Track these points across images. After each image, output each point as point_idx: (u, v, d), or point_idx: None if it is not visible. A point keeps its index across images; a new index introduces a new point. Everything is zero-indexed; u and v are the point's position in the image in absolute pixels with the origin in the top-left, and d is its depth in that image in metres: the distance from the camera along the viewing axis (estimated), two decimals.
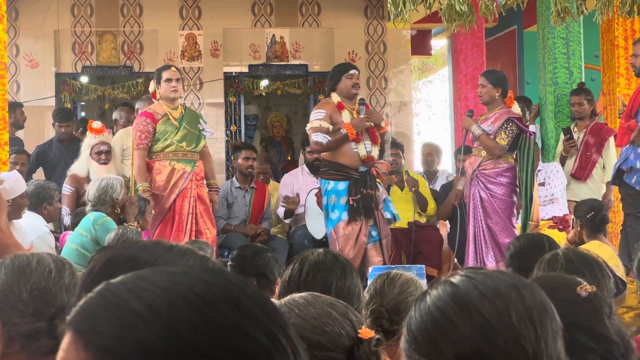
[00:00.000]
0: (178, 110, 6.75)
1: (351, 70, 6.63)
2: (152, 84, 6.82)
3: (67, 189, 7.21)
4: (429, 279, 5.76)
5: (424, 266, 5.32)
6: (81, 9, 10.09)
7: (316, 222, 7.34)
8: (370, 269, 5.40)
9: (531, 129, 7.85)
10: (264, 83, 10.73)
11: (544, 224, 6.90)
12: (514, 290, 1.26)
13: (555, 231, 6.54)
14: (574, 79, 7.81)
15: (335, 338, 1.77)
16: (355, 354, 1.75)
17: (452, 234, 7.40)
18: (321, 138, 6.48)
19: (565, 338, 1.30)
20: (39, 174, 8.40)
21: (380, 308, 2.86)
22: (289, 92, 10.73)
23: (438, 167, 8.85)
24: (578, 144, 7.65)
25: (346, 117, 6.50)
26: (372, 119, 6.56)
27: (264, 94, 11.04)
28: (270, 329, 0.89)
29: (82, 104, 10.74)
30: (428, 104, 24.06)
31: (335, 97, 6.58)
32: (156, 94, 6.75)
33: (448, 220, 7.79)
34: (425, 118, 23.74)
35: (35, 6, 9.87)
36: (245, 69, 10.51)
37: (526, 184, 6.49)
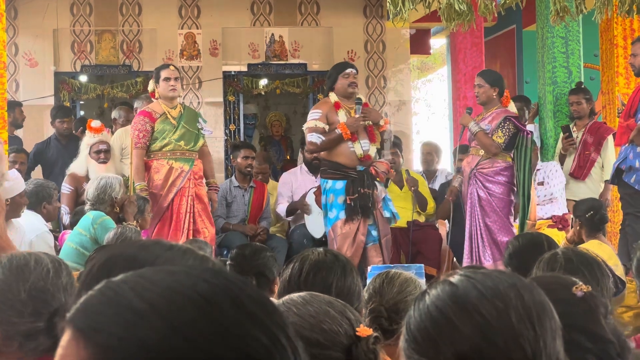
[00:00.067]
0: (177, 109, 6.74)
1: (347, 70, 6.63)
2: (151, 83, 6.82)
3: (66, 188, 7.20)
4: (428, 278, 5.76)
5: (423, 265, 5.33)
6: (80, 8, 10.09)
7: (315, 221, 7.34)
8: (369, 268, 5.40)
9: (530, 128, 7.86)
10: (263, 82, 10.73)
11: (543, 223, 6.90)
12: (513, 289, 1.26)
13: (554, 230, 6.53)
14: (573, 78, 7.80)
15: (333, 336, 1.77)
16: (354, 352, 1.75)
17: (452, 234, 7.40)
18: (315, 138, 6.50)
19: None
20: (37, 172, 8.40)
21: (379, 307, 2.86)
22: (288, 91, 10.73)
23: (437, 166, 8.84)
24: (577, 143, 7.65)
25: (342, 116, 6.50)
26: (370, 118, 6.56)
27: (263, 93, 11.04)
28: (271, 329, 0.89)
29: (81, 102, 10.74)
30: (427, 103, 24.06)
31: (333, 97, 6.59)
32: (155, 93, 6.76)
33: (448, 219, 7.79)
34: (424, 117, 23.74)
35: (34, 5, 9.87)
36: (244, 68, 10.51)
37: (523, 183, 6.49)
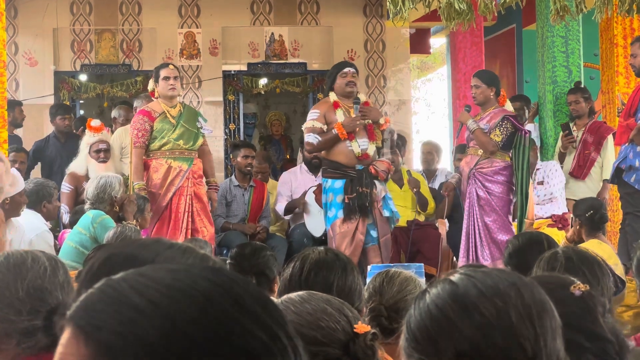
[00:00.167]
0: (176, 109, 6.74)
1: (345, 69, 6.64)
2: (151, 83, 6.82)
3: (66, 187, 7.20)
4: (427, 277, 5.77)
5: (422, 265, 5.33)
6: (80, 7, 10.09)
7: (315, 220, 7.34)
8: (369, 268, 5.40)
9: (530, 127, 7.86)
10: (262, 81, 10.73)
11: (543, 222, 6.90)
12: (514, 288, 1.26)
13: (554, 230, 6.54)
14: (573, 77, 7.80)
15: (330, 333, 1.78)
16: (351, 348, 1.76)
17: (451, 233, 7.40)
18: (312, 139, 6.52)
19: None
20: (36, 171, 8.39)
21: (379, 306, 2.85)
22: (287, 90, 10.73)
23: (437, 165, 8.84)
24: (577, 142, 7.65)
25: (340, 116, 6.51)
26: (369, 116, 6.57)
27: (262, 92, 11.04)
28: (271, 327, 0.89)
29: (81, 102, 10.74)
30: (427, 103, 24.07)
31: (333, 96, 6.61)
32: (155, 92, 6.76)
33: (448, 219, 7.78)
34: (424, 117, 23.74)
35: (34, 4, 9.87)
36: (244, 68, 10.50)
37: (522, 182, 6.49)
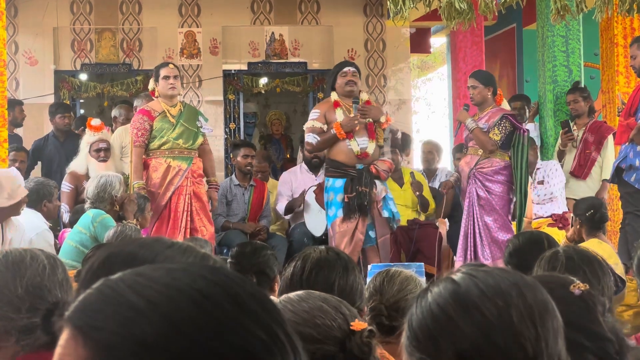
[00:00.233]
0: (177, 108, 6.74)
1: (345, 68, 6.66)
2: (151, 82, 6.82)
3: (66, 186, 7.20)
4: (428, 276, 5.76)
5: (423, 264, 5.33)
6: (80, 7, 10.09)
7: (315, 220, 7.34)
8: (369, 267, 5.40)
9: (530, 127, 7.86)
10: (263, 81, 10.72)
11: (543, 221, 6.90)
12: (515, 288, 1.25)
13: (555, 229, 6.53)
14: (573, 77, 7.80)
15: (326, 330, 1.78)
16: (347, 345, 1.76)
17: (451, 232, 7.40)
18: (311, 139, 6.55)
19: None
20: (37, 170, 8.39)
21: (379, 305, 2.85)
22: (288, 89, 10.73)
23: (438, 165, 8.84)
24: (577, 141, 7.65)
25: (339, 115, 6.51)
26: (370, 115, 6.57)
27: (263, 91, 11.04)
28: (270, 326, 0.89)
29: (81, 101, 10.74)
30: (427, 102, 24.07)
31: (334, 96, 6.63)
32: (155, 91, 6.76)
33: (448, 218, 7.78)
34: (424, 116, 23.75)
35: (34, 3, 9.87)
36: (244, 67, 10.50)
37: (520, 181, 6.49)
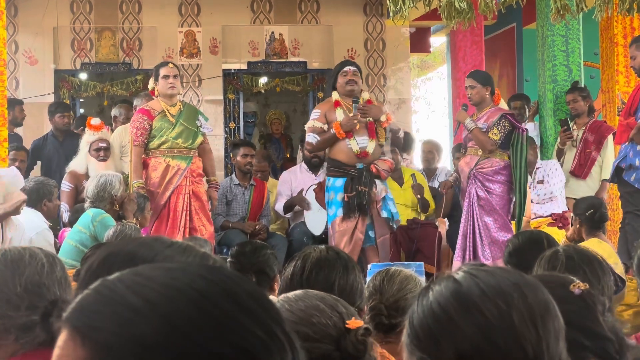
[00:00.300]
0: (176, 107, 6.73)
1: (345, 68, 6.67)
2: (151, 81, 6.82)
3: (66, 185, 7.20)
4: (427, 276, 5.76)
5: (422, 263, 5.33)
6: (80, 6, 10.08)
7: (315, 219, 7.35)
8: (369, 267, 5.40)
9: (530, 126, 7.86)
10: (263, 80, 10.72)
11: (543, 221, 6.90)
12: (517, 289, 1.25)
13: (555, 229, 6.53)
14: (573, 76, 7.80)
15: (322, 329, 1.79)
16: (342, 343, 1.76)
17: (451, 232, 7.40)
18: (311, 138, 6.57)
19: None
20: (36, 170, 8.38)
21: (379, 305, 2.85)
22: (287, 89, 10.73)
23: (438, 164, 8.84)
24: (577, 141, 7.65)
25: (340, 115, 6.52)
26: (370, 114, 6.57)
27: (262, 91, 11.04)
28: (268, 324, 0.89)
29: (81, 100, 10.74)
30: (427, 102, 24.06)
31: (335, 95, 6.65)
32: (155, 90, 6.76)
33: (448, 217, 7.78)
34: (424, 116, 23.74)
35: (34, 3, 9.86)
36: (244, 66, 10.50)
37: (520, 180, 6.49)
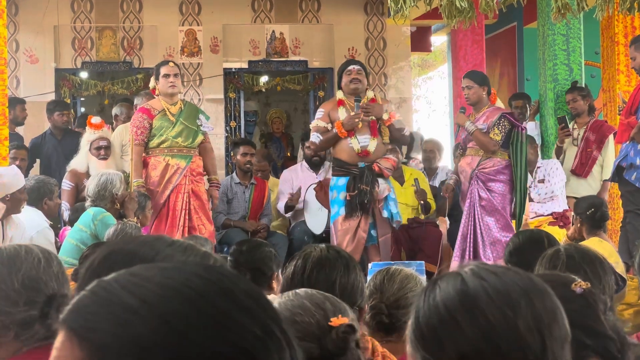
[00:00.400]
0: (177, 106, 6.73)
1: (350, 67, 6.72)
2: (152, 80, 6.82)
3: (66, 184, 7.20)
4: (428, 275, 5.77)
5: (423, 262, 5.33)
6: (81, 5, 10.08)
7: (315, 218, 7.35)
8: (369, 265, 5.40)
9: (531, 126, 7.86)
10: (263, 79, 10.72)
11: (544, 220, 6.89)
12: (525, 296, 1.23)
13: (555, 228, 6.53)
14: (573, 75, 7.79)
15: (304, 327, 1.79)
16: (322, 341, 1.76)
17: (451, 231, 7.40)
18: (314, 138, 6.62)
19: None
20: (35, 168, 8.38)
21: (379, 304, 2.85)
22: (288, 88, 10.72)
23: (438, 163, 8.84)
24: (578, 140, 7.64)
25: (342, 114, 6.54)
26: (372, 113, 6.58)
27: (263, 90, 11.03)
28: (265, 322, 0.89)
29: (82, 99, 10.74)
30: (428, 101, 24.08)
31: (339, 94, 6.70)
32: (156, 89, 6.75)
33: (448, 217, 7.78)
34: (425, 115, 23.75)
35: (35, 1, 9.86)
36: (245, 65, 10.50)
37: (520, 179, 6.48)
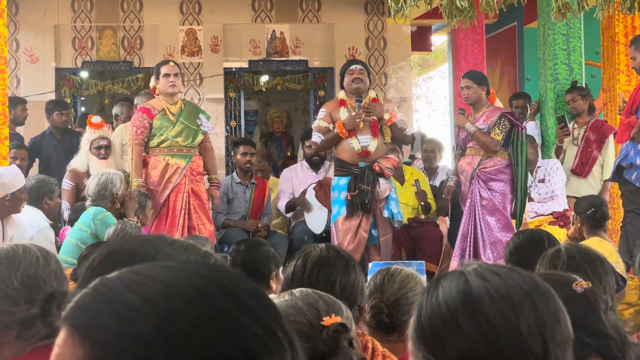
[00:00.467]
0: (177, 105, 6.73)
1: (352, 66, 6.75)
2: (152, 80, 6.82)
3: (66, 183, 7.20)
4: (428, 274, 5.77)
5: (423, 262, 5.33)
6: (81, 4, 10.08)
7: (315, 217, 7.35)
8: (370, 265, 5.40)
9: (531, 125, 7.85)
10: (264, 79, 10.72)
11: (544, 219, 6.89)
12: (528, 299, 1.22)
13: (556, 227, 6.53)
14: (574, 75, 7.79)
15: (296, 327, 1.79)
16: (314, 340, 1.76)
17: (452, 231, 7.40)
18: (316, 138, 6.65)
19: None
20: (35, 167, 8.38)
21: (380, 304, 2.85)
22: (289, 87, 10.72)
23: (439, 163, 8.84)
24: (579, 140, 7.64)
25: (343, 114, 6.55)
26: (374, 113, 6.59)
27: (264, 89, 11.03)
28: (266, 321, 0.89)
29: (82, 99, 10.73)
30: (428, 100, 24.08)
31: (341, 94, 6.73)
32: (156, 89, 6.75)
33: (448, 216, 7.78)
34: (425, 114, 23.76)
35: (35, 1, 9.86)
36: (245, 65, 10.50)
37: (520, 178, 6.48)
